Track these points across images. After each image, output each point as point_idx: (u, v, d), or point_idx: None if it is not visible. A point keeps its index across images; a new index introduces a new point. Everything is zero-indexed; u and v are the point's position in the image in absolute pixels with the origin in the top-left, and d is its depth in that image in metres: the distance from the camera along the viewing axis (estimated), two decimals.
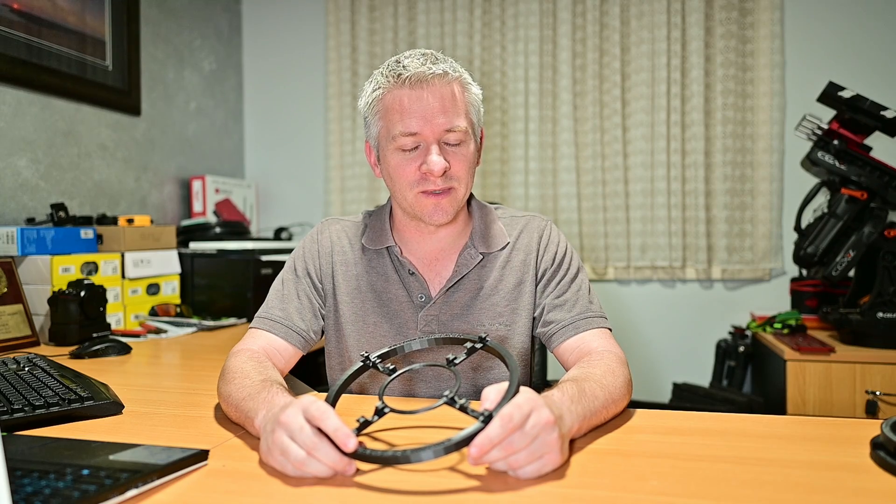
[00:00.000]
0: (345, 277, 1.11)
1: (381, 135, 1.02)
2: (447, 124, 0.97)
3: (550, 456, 0.67)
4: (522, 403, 0.66)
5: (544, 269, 1.09)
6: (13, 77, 1.80)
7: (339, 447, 0.65)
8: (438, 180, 0.98)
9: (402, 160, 1.00)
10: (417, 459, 0.63)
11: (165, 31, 2.42)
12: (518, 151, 2.56)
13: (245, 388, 0.84)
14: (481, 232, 1.10)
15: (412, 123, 0.96)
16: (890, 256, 1.72)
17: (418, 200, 1.01)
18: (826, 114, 1.85)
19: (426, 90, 0.96)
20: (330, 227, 1.15)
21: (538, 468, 0.66)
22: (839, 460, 0.70)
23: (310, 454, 0.65)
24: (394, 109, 0.98)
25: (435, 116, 0.96)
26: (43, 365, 1.11)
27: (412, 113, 0.96)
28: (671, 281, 2.50)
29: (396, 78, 0.97)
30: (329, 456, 0.65)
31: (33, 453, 0.70)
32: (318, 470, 0.65)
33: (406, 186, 1.00)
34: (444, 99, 0.97)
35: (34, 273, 1.63)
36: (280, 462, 0.67)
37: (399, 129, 0.97)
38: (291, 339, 1.05)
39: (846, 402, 1.67)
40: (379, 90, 1.00)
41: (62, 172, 1.98)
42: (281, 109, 2.88)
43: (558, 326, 1.04)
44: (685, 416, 0.88)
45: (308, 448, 0.65)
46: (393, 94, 0.98)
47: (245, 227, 2.40)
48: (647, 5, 2.43)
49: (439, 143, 0.98)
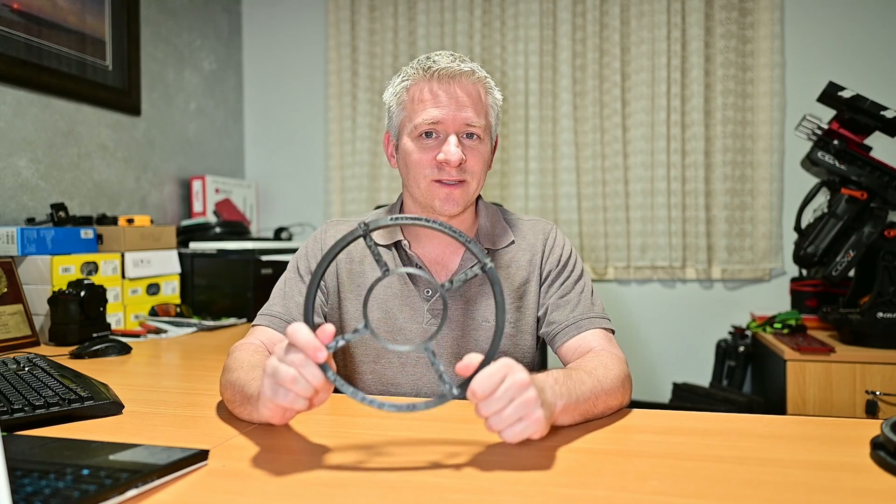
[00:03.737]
0: (349, 275, 1.12)
1: (402, 123, 1.06)
2: (468, 119, 1.01)
3: (531, 417, 0.70)
4: (495, 371, 0.69)
5: (549, 271, 1.12)
6: (13, 77, 1.80)
7: (311, 358, 0.68)
8: (453, 171, 1.02)
9: (420, 148, 1.03)
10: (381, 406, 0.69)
11: (165, 31, 2.42)
12: (518, 151, 2.56)
13: (252, 371, 0.85)
14: (487, 230, 1.13)
15: (435, 112, 1.00)
16: (890, 256, 1.72)
17: (431, 189, 1.04)
18: (826, 114, 1.85)
19: (453, 84, 1.01)
20: (334, 227, 1.17)
21: (521, 430, 0.69)
22: (839, 460, 0.70)
23: (298, 371, 0.68)
24: (419, 99, 1.02)
25: (457, 109, 1.01)
26: (43, 365, 1.11)
27: (436, 103, 1.01)
28: (671, 281, 2.50)
29: (426, 70, 1.02)
30: (311, 371, 0.68)
31: (33, 453, 0.70)
32: (303, 388, 0.68)
33: (421, 174, 1.04)
34: (469, 95, 1.02)
35: (34, 273, 1.63)
36: (272, 388, 0.71)
37: (422, 118, 1.01)
38: None
39: (846, 402, 1.67)
40: (407, 81, 1.04)
41: (62, 172, 1.98)
42: (281, 109, 2.88)
43: (561, 326, 1.06)
44: (685, 416, 0.88)
45: (295, 365, 0.69)
46: (420, 85, 1.02)
47: (245, 227, 2.40)
48: (647, 5, 2.43)
49: (458, 135, 1.02)
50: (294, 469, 0.69)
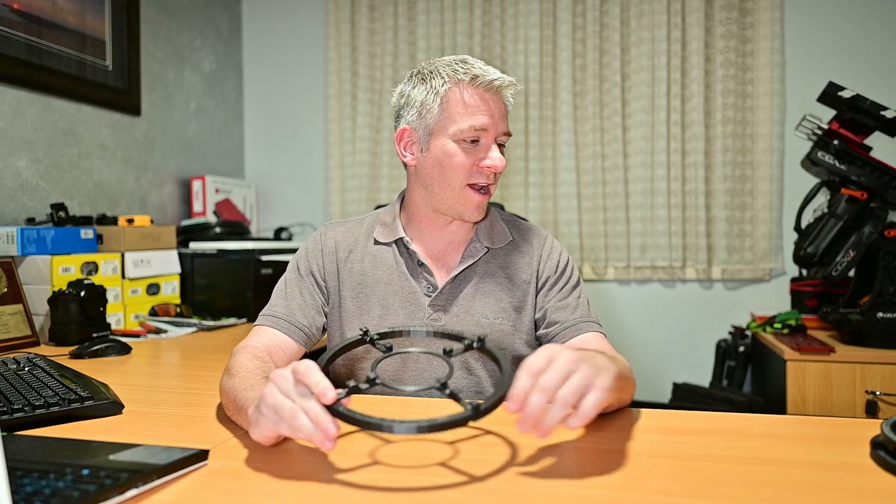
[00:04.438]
0: (349, 274, 1.13)
1: (440, 124, 1.06)
2: (505, 128, 1.07)
3: (598, 384, 0.67)
4: (542, 352, 0.68)
5: (547, 276, 1.14)
6: (13, 77, 1.80)
7: (319, 399, 0.66)
8: (492, 175, 1.06)
9: (461, 151, 1.05)
10: (394, 430, 0.64)
11: (165, 31, 2.42)
12: (518, 151, 2.56)
13: (246, 380, 0.85)
14: (486, 229, 1.15)
15: (485, 120, 1.03)
16: (890, 256, 1.72)
17: (464, 193, 1.06)
18: (826, 114, 1.85)
19: (498, 94, 1.06)
20: (333, 229, 1.19)
21: (592, 401, 0.66)
22: (839, 460, 0.70)
23: (300, 407, 0.66)
24: (465, 104, 1.04)
25: (501, 119, 1.06)
26: (43, 365, 1.11)
27: (486, 111, 1.04)
28: (671, 281, 2.50)
29: (474, 78, 1.04)
30: (314, 409, 0.66)
31: (33, 453, 0.70)
32: (304, 424, 0.66)
33: (457, 177, 1.06)
34: (505, 105, 1.08)
35: (34, 273, 1.63)
36: (273, 420, 0.68)
37: (470, 123, 1.03)
38: (294, 335, 1.08)
39: (846, 402, 1.67)
40: (450, 84, 1.05)
41: (62, 172, 1.98)
42: (281, 109, 2.88)
43: (562, 327, 1.09)
44: (685, 416, 0.88)
45: (297, 401, 0.67)
46: (468, 90, 1.05)
47: (245, 227, 2.40)
48: (647, 5, 2.43)
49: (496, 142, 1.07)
50: (294, 469, 0.69)
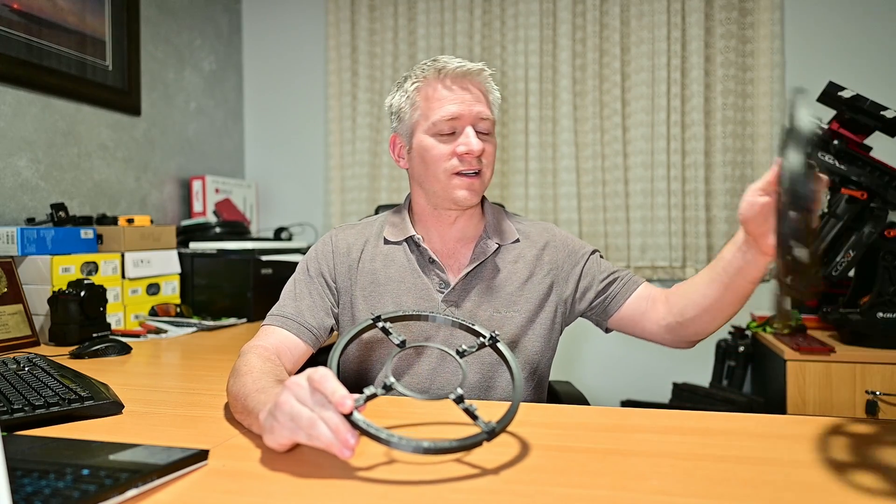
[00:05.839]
0: (360, 273, 1.14)
1: (416, 123, 1.09)
2: (481, 112, 1.07)
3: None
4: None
5: (570, 259, 1.17)
6: (13, 77, 1.80)
7: (337, 408, 0.65)
8: (474, 161, 1.06)
9: (438, 143, 1.07)
10: (410, 449, 0.64)
11: (165, 31, 2.42)
12: (518, 151, 2.56)
13: (257, 383, 0.84)
14: (494, 226, 1.17)
15: (453, 108, 1.05)
16: (890, 256, 1.72)
17: (451, 182, 1.07)
18: (826, 114, 1.85)
19: (466, 81, 1.07)
20: (344, 231, 1.19)
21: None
22: (839, 460, 0.70)
23: (318, 416, 0.65)
24: (434, 97, 1.07)
25: (472, 104, 1.06)
26: (43, 365, 1.11)
27: (453, 99, 1.06)
28: (671, 281, 2.49)
29: (438, 71, 1.07)
30: (333, 419, 0.65)
31: (33, 453, 0.70)
32: (323, 433, 0.65)
33: (440, 168, 1.07)
34: (480, 91, 1.09)
35: (34, 273, 1.63)
36: (290, 429, 0.67)
37: (439, 115, 1.05)
38: (303, 336, 1.08)
39: (846, 402, 1.67)
40: (418, 83, 1.09)
41: (62, 172, 1.98)
42: (281, 109, 2.88)
43: (622, 283, 1.15)
44: (685, 415, 0.88)
45: (315, 410, 0.66)
46: (432, 84, 1.07)
47: (245, 227, 2.40)
48: (647, 5, 2.43)
49: (473, 128, 1.07)
50: (294, 469, 0.69)
